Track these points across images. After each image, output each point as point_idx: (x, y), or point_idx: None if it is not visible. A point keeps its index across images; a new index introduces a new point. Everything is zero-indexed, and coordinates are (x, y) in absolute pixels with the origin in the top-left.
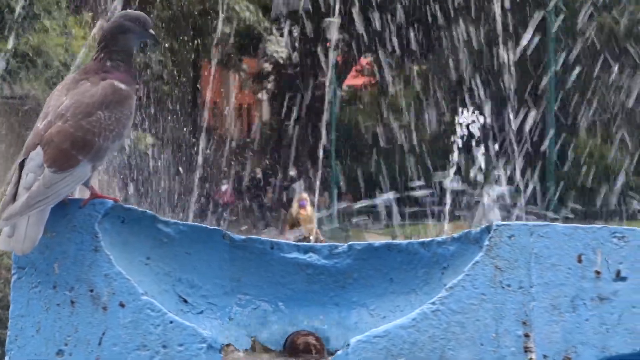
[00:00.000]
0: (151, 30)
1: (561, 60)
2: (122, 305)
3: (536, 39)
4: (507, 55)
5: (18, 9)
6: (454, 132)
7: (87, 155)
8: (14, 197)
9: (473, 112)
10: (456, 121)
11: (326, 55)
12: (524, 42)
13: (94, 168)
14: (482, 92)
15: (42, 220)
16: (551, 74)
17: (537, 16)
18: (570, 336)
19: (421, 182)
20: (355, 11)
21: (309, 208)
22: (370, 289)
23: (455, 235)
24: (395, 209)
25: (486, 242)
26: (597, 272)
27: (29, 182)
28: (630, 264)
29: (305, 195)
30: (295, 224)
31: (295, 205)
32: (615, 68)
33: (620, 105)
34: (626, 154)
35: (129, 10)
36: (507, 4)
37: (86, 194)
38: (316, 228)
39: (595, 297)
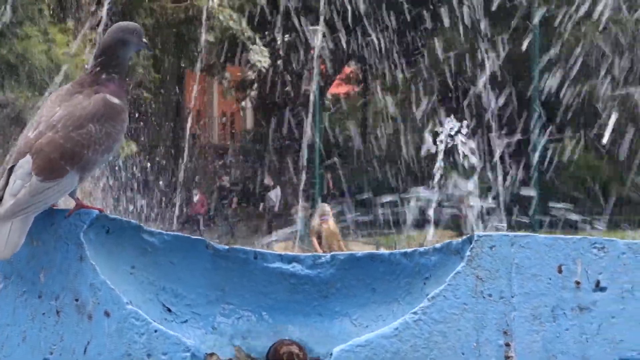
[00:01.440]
0: (144, 39)
1: (543, 68)
2: (107, 314)
3: (522, 45)
4: (491, 63)
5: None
6: (437, 138)
7: (75, 167)
8: (0, 203)
9: (457, 120)
10: (440, 129)
11: (310, 64)
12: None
13: (81, 179)
14: (466, 100)
15: (25, 228)
16: (535, 83)
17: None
18: (551, 346)
19: (404, 192)
20: (339, 20)
21: (331, 222)
22: (353, 298)
23: (437, 245)
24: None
25: (467, 253)
26: (577, 283)
27: (16, 189)
28: (609, 274)
29: (327, 208)
30: (318, 238)
31: (316, 219)
32: (599, 77)
33: (606, 114)
34: (610, 163)
35: (124, 23)
36: (491, 12)
37: (71, 204)
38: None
39: (575, 307)
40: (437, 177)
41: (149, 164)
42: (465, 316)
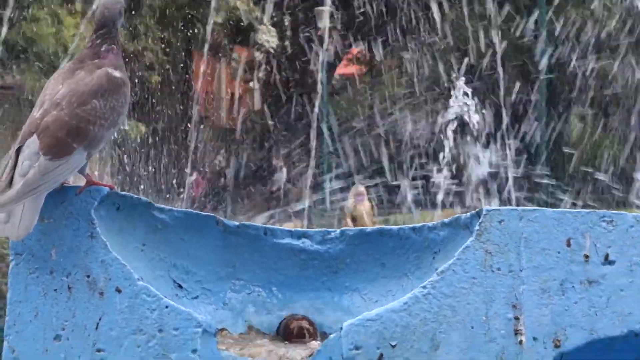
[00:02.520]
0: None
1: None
2: (118, 290)
3: (529, 26)
4: (498, 41)
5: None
6: (443, 116)
7: (82, 144)
8: (10, 184)
9: (464, 97)
10: (453, 92)
11: (317, 44)
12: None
13: (89, 156)
14: (473, 79)
15: (37, 207)
16: (544, 60)
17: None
18: (560, 319)
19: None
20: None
21: (366, 203)
22: (363, 273)
23: (446, 220)
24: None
25: (476, 227)
26: (586, 256)
27: (25, 169)
28: (618, 247)
29: (362, 189)
30: (351, 220)
31: (351, 200)
32: (604, 58)
33: (612, 94)
34: (615, 142)
35: None
36: None
37: (81, 181)
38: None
39: (584, 281)
40: (446, 154)
41: (157, 145)
42: (475, 290)
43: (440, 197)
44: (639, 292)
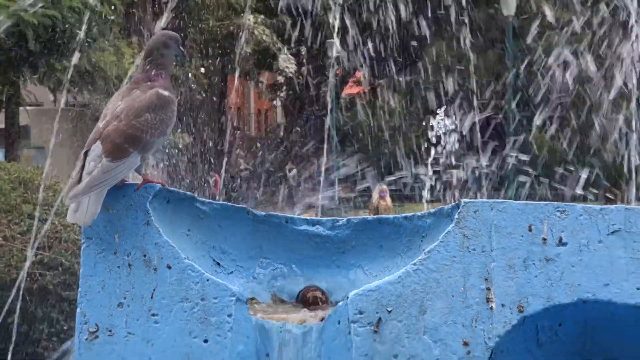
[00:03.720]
0: (182, 48)
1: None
2: (169, 267)
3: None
4: (473, 67)
5: (80, 33)
6: (431, 129)
7: (136, 148)
8: (79, 180)
9: (445, 115)
10: (433, 122)
11: (328, 69)
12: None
13: (143, 158)
14: (453, 97)
15: (101, 199)
16: (510, 80)
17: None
18: (523, 289)
19: (405, 172)
20: (352, 34)
21: (388, 199)
22: (365, 253)
23: (432, 210)
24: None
25: (456, 216)
26: (544, 239)
27: (91, 168)
28: (569, 232)
29: (384, 186)
30: (375, 214)
31: (375, 195)
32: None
33: (571, 106)
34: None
35: (166, 30)
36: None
37: (139, 179)
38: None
39: (542, 259)
40: (431, 160)
41: (197, 151)
42: (455, 266)
43: (428, 193)
44: (586, 268)
